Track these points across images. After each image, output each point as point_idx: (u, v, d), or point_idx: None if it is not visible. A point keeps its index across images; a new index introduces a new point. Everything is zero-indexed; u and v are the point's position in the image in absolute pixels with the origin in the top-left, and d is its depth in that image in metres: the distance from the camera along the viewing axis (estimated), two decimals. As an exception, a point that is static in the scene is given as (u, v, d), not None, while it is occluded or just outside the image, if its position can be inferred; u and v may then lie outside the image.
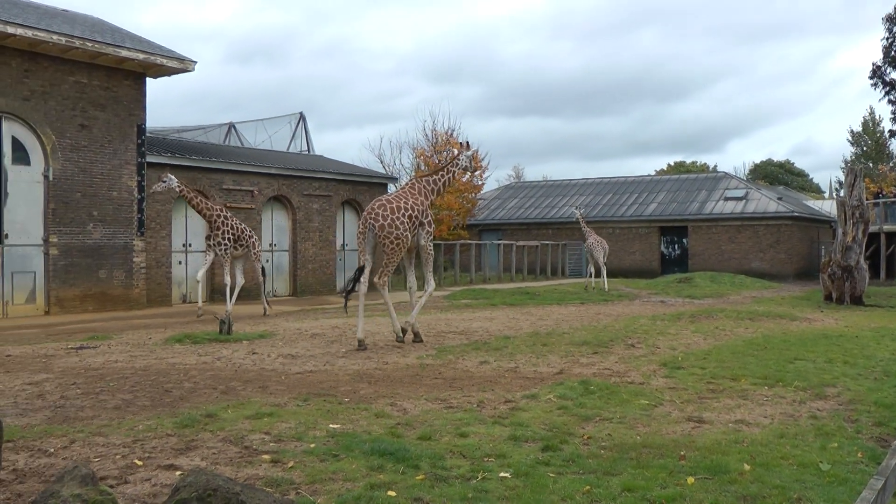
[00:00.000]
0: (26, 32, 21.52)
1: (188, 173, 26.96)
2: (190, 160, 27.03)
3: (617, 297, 29.05)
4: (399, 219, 14.75)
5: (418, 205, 15.23)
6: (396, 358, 13.33)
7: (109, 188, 24.07)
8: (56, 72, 23.13)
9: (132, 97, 24.90)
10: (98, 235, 23.79)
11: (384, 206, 14.79)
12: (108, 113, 24.27)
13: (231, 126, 38.55)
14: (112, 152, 24.31)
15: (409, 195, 15.35)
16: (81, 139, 23.60)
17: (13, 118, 22.32)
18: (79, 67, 23.62)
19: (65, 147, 23.20)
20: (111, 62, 24.00)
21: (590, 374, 11.54)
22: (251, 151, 34.33)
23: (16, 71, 22.31)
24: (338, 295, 17.32)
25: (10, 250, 22.20)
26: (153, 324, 20.27)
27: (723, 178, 51.46)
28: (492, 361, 12.92)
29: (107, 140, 24.18)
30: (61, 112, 23.18)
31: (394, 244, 14.74)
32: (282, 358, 13.31)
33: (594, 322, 19.61)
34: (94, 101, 23.95)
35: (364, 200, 33.82)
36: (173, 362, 12.84)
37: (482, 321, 19.86)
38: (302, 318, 21.32)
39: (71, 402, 9.56)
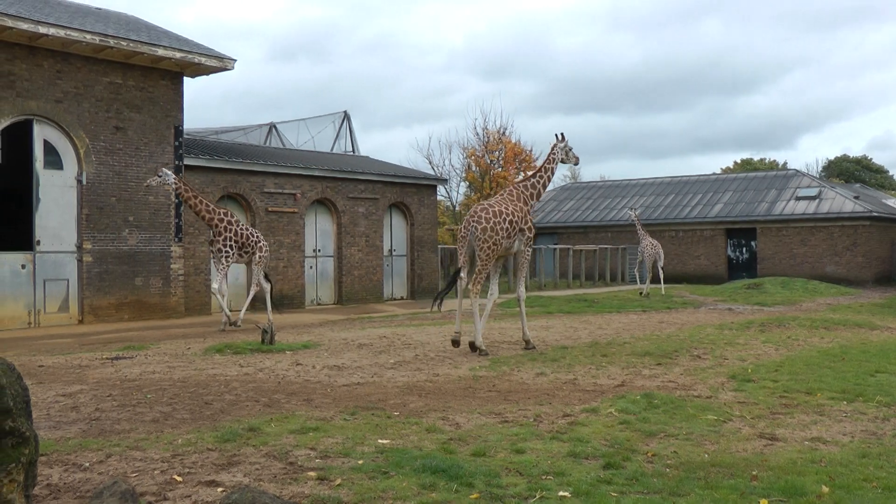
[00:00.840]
0: (59, 32, 21.90)
1: (228, 176, 27.24)
2: (229, 162, 27.31)
3: (681, 305, 28.78)
4: (499, 223, 15.33)
5: (518, 211, 15.79)
6: (448, 369, 13.31)
7: (146, 192, 24.38)
8: (90, 72, 23.50)
9: (169, 98, 25.23)
10: (134, 241, 24.12)
11: (486, 209, 15.42)
12: (144, 114, 24.60)
13: (272, 126, 38.87)
14: (148, 155, 24.64)
15: (508, 201, 15.92)
16: (116, 142, 23.95)
17: (45, 121, 22.71)
18: (113, 67, 23.99)
19: (99, 150, 23.56)
20: (147, 62, 24.33)
21: (653, 387, 11.43)
22: (293, 153, 34.58)
23: (48, 72, 22.70)
24: (432, 308, 17.53)
25: (43, 257, 22.59)
26: (192, 333, 20.47)
27: (794, 176, 50.79)
28: (549, 373, 12.85)
29: (143, 142, 24.52)
30: (95, 114, 23.55)
31: (489, 250, 15.29)
32: (327, 369, 13.35)
33: (657, 331, 19.43)
34: (130, 102, 24.30)
35: (412, 203, 33.91)
36: (213, 373, 12.95)
37: (538, 330, 19.77)
38: (348, 328, 21.40)
39: (106, 415, 9.67)
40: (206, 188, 26.47)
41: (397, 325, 21.71)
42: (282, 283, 28.85)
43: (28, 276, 22.27)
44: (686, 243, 48.10)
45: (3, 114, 21.78)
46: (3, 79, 21.83)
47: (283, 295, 28.90)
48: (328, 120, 40.23)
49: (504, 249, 15.62)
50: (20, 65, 22.15)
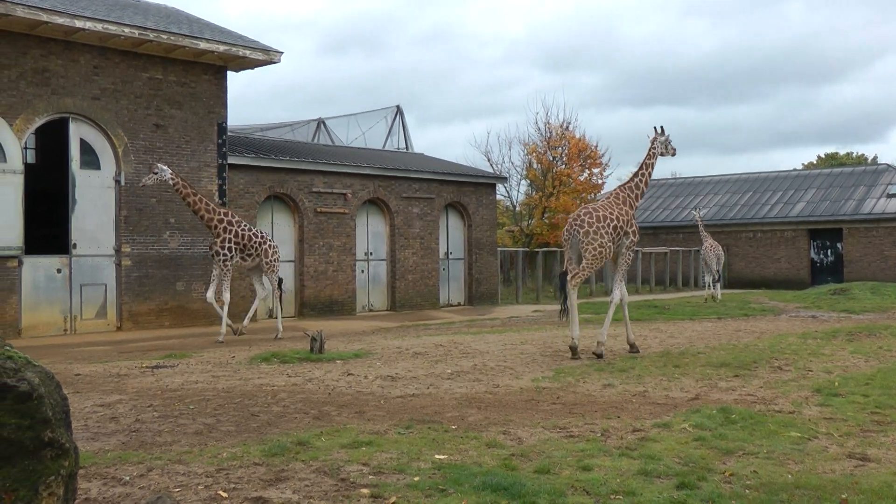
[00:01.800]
0: (96, 26, 22.23)
1: (274, 175, 27.48)
2: (275, 161, 27.54)
3: (759, 312, 28.44)
4: (603, 227, 16.16)
5: (623, 214, 16.69)
6: (509, 380, 13.29)
7: (189, 192, 24.66)
8: (128, 68, 23.85)
9: (212, 93, 25.51)
10: (175, 244, 24.42)
11: (590, 213, 16.25)
12: (186, 111, 24.91)
13: (320, 122, 39.16)
14: (190, 153, 24.94)
15: (613, 205, 16.78)
16: (156, 140, 24.28)
17: (82, 119, 23.10)
18: (153, 62, 24.32)
19: (138, 149, 23.89)
20: (188, 55, 24.64)
21: (730, 401, 11.30)
22: (343, 150, 34.78)
23: (84, 68, 23.08)
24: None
25: (79, 261, 22.96)
26: (236, 341, 20.66)
27: (885, 172, 49.94)
28: (617, 384, 12.78)
29: (184, 140, 24.83)
30: (134, 111, 23.89)
31: (595, 253, 16.08)
32: (380, 380, 13.40)
33: (733, 340, 19.23)
34: (170, 98, 24.62)
35: (470, 203, 33.94)
36: (260, 383, 13.05)
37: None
38: (402, 336, 21.45)
39: (147, 426, 9.79)
40: (250, 188, 26.74)
41: (454, 333, 21.72)
42: (332, 288, 29.03)
43: (64, 281, 22.65)
44: (765, 245, 47.57)
45: (38, 112, 22.18)
46: (38, 76, 22.23)
47: (333, 300, 29.08)
48: (380, 115, 40.40)
49: (610, 252, 16.48)
50: (55, 61, 22.54)
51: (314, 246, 28.60)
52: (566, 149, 49.20)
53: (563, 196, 47.46)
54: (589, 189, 49.36)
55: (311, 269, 28.49)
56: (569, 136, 49.49)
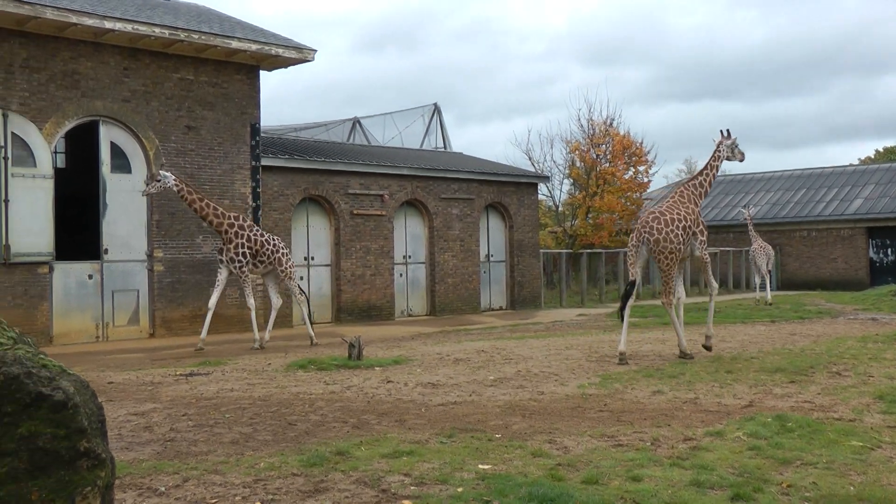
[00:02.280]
0: (126, 27, 22.44)
1: (308, 177, 27.60)
2: (310, 162, 27.66)
3: (815, 314, 28.19)
4: (674, 231, 16.34)
5: (690, 214, 16.83)
6: (554, 387, 13.26)
7: (220, 196, 24.83)
8: (159, 69, 24.05)
9: (244, 93, 25.67)
10: (208, 249, 24.57)
11: (658, 218, 16.39)
12: (218, 112, 25.08)
13: (355, 122, 39.32)
14: (223, 156, 25.10)
15: (678, 204, 16.93)
16: (188, 142, 24.47)
17: (112, 122, 23.31)
18: (184, 62, 24.52)
19: (169, 152, 24.09)
20: (220, 55, 24.81)
21: (786, 408, 11.21)
22: (379, 150, 34.89)
23: (114, 70, 23.29)
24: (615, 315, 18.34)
25: (111, 266, 23.17)
26: (272, 347, 20.77)
27: (946, 167, 49.41)
28: (666, 391, 12.72)
29: (216, 142, 25.00)
30: (165, 113, 24.09)
31: (669, 258, 16.30)
32: (421, 387, 13.42)
33: (788, 344, 19.07)
34: (202, 99, 24.80)
35: (511, 203, 33.91)
36: (297, 391, 13.11)
37: (652, 343, 19.57)
38: (442, 341, 21.47)
39: (182, 436, 9.86)
40: (285, 190, 26.87)
41: (496, 338, 21.70)
42: (369, 292, 29.11)
43: (95, 287, 22.88)
44: (820, 244, 47.14)
45: (68, 115, 22.42)
46: (68, 78, 22.47)
47: (371, 305, 29.16)
48: (417, 113, 40.51)
49: (682, 255, 16.71)
50: (85, 63, 22.77)
51: (351, 249, 28.69)
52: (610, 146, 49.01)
53: (608, 195, 47.28)
54: (634, 188, 49.12)
55: (348, 273, 28.59)
56: (613, 132, 49.31)
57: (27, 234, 21.53)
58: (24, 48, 21.81)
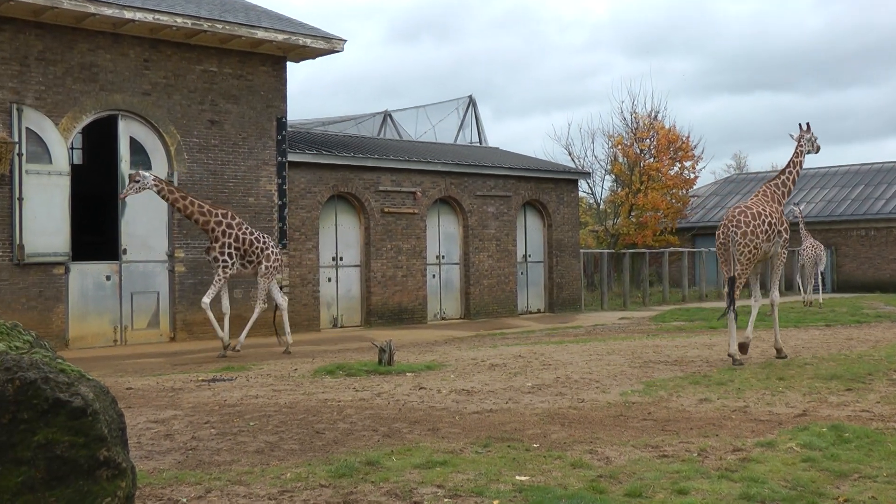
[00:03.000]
0: (146, 17, 22.59)
1: (337, 173, 27.66)
2: (339, 157, 27.73)
3: (874, 318, 27.97)
4: (759, 226, 16.92)
5: (774, 212, 17.45)
6: (594, 394, 13.23)
7: (245, 193, 24.95)
8: (181, 60, 24.19)
9: (270, 86, 25.78)
10: (233, 249, 24.66)
11: (744, 212, 16.99)
12: (243, 105, 25.21)
13: (386, 115, 39.34)
14: (247, 151, 25.22)
15: (764, 202, 17.57)
16: (211, 137, 24.61)
17: (132, 116, 23.47)
18: (207, 54, 24.65)
19: (191, 147, 24.23)
20: (245, 45, 24.92)
21: (842, 417, 11.13)
22: (411, 145, 34.93)
23: (134, 62, 23.45)
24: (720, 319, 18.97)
25: (130, 267, 23.33)
26: (299, 352, 20.83)
27: None
28: (714, 399, 12.65)
29: (241, 137, 25.12)
30: (187, 107, 24.24)
31: (749, 254, 16.87)
32: (455, 394, 13.41)
33: (845, 350, 18.93)
34: (226, 92, 24.93)
35: (550, 201, 33.85)
36: (324, 398, 13.14)
37: (699, 348, 19.49)
38: (477, 346, 21.47)
39: (204, 444, 9.91)
40: (312, 187, 26.95)
41: (534, 343, 21.68)
42: (401, 294, 29.16)
43: (114, 289, 23.04)
44: (879, 244, 46.75)
45: (85, 110, 22.61)
46: (86, 71, 22.66)
47: (403, 308, 29.20)
48: (451, 106, 40.49)
49: (763, 254, 17.25)
50: (103, 55, 22.94)
51: (381, 249, 28.75)
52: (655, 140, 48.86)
53: (652, 192, 47.14)
54: (680, 184, 48.95)
55: (379, 275, 28.65)
56: (657, 126, 49.15)
57: (42, 233, 21.71)
58: (40, 40, 22.01)
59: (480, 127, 40.20)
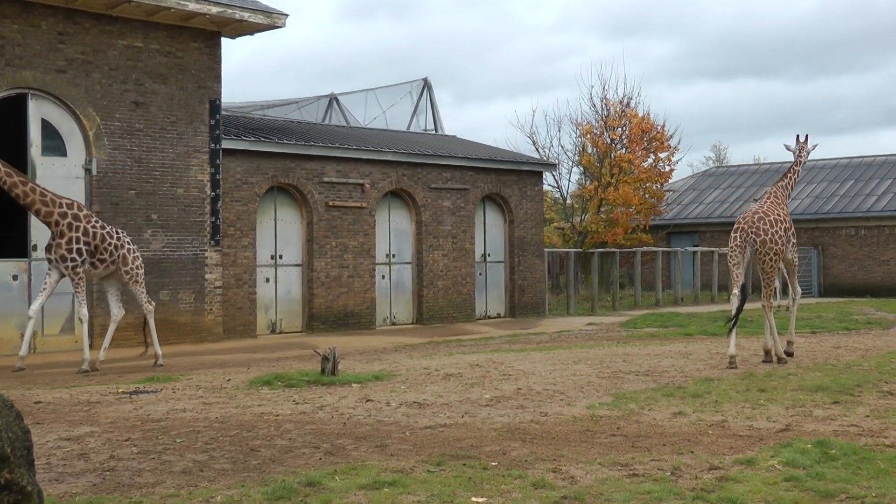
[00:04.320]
0: (59, -17, 22.34)
1: (277, 162, 27.52)
2: (279, 145, 27.59)
3: (864, 325, 28.24)
4: (777, 232, 18.34)
5: (787, 215, 19.06)
6: (559, 407, 13.26)
7: (173, 184, 24.77)
8: (101, 34, 23.92)
9: (203, 64, 25.60)
10: (158, 245, 24.52)
11: (762, 218, 18.28)
12: (171, 86, 25.00)
13: (333, 99, 39.28)
14: (176, 137, 25.02)
15: (776, 205, 19.01)
16: (135, 121, 24.39)
17: (44, 96, 23.18)
18: (131, 27, 24.40)
19: (113, 132, 24.00)
20: (174, 18, 24.71)
21: (828, 433, 11.22)
22: (359, 132, 34.87)
23: (47, 35, 23.16)
24: (723, 324, 20.94)
25: (41, 266, 22.96)
26: (232, 361, 20.73)
27: None
28: (689, 413, 12.72)
29: (169, 121, 24.92)
30: (108, 87, 23.99)
31: (773, 260, 18.33)
32: (405, 407, 13.41)
33: (832, 359, 19.12)
34: (152, 70, 24.71)
35: (512, 195, 33.90)
36: (261, 412, 13.08)
37: (674, 357, 19.59)
38: (430, 354, 21.46)
39: (124, 465, 9.81)
40: (249, 178, 26.80)
41: (493, 351, 21.69)
42: (346, 297, 29.07)
43: (22, 290, 22.75)
44: (870, 244, 47.19)
45: (-10, 87, 22.31)
46: (-8, 44, 22.37)
47: (349, 312, 29.12)
48: (403, 90, 40.48)
49: (782, 257, 18.70)
50: (11, 26, 22.59)
51: (325, 247, 28.65)
52: (627, 129, 49.07)
53: (624, 186, 47.30)
54: (654, 178, 49.19)
55: (322, 275, 28.55)
56: (630, 114, 49.34)
57: (-66, 228, 21.31)
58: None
59: (436, 113, 40.23)
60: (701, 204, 53.87)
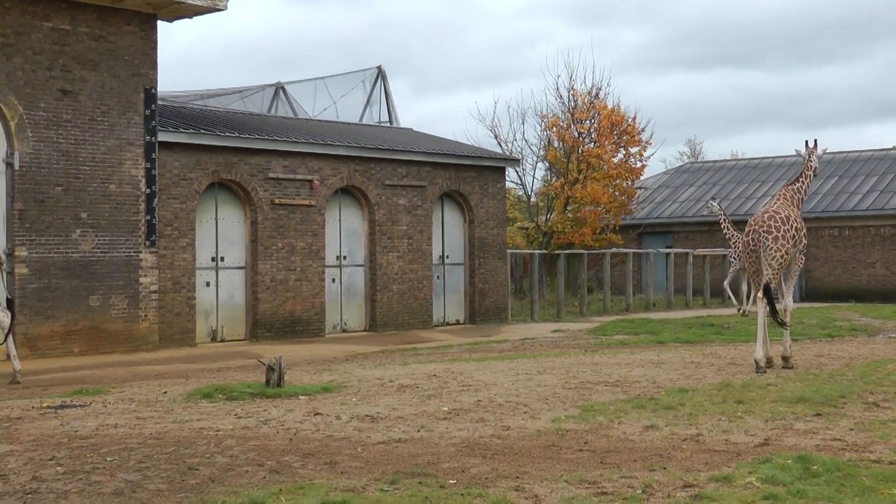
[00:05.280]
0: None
1: (218, 157, 27.39)
2: (221, 138, 27.46)
3: (848, 332, 28.45)
4: (788, 231, 19.28)
5: (798, 217, 19.99)
6: (522, 421, 13.28)
7: (105, 179, 24.59)
8: (23, 15, 23.69)
9: (137, 49, 25.43)
10: (88, 247, 24.34)
11: (773, 217, 19.27)
12: (103, 73, 24.83)
13: (279, 88, 39.14)
14: (108, 128, 24.84)
15: (787, 206, 20.03)
16: (62, 111, 24.19)
17: (-43, 83, 23.00)
18: (57, 8, 24.18)
19: (37, 122, 23.80)
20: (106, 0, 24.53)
21: (810, 447, 11.28)
22: (309, 124, 34.81)
23: (-40, 15, 22.99)
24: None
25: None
26: (169, 371, 20.63)
27: None
28: (662, 426, 12.77)
29: (100, 111, 24.74)
30: (32, 73, 23.80)
31: (780, 261, 19.22)
32: (357, 421, 13.40)
33: (814, 369, 19.26)
34: (81, 55, 24.52)
35: (472, 192, 33.93)
36: (200, 427, 13.03)
37: (645, 367, 19.66)
38: (384, 363, 21.45)
39: (48, 486, 9.73)
40: (188, 173, 26.67)
41: (452, 360, 21.72)
42: (294, 302, 28.99)
43: None
44: (855, 246, 47.50)
45: None
46: None
47: (296, 318, 29.04)
48: (355, 79, 40.43)
49: (790, 258, 19.61)
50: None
51: (271, 248, 28.55)
52: (595, 122, 49.17)
53: (592, 183, 47.33)
54: (625, 174, 49.23)
55: (268, 278, 28.45)
56: (599, 106, 49.42)
57: None
58: None
59: (391, 104, 40.20)
60: (675, 202, 54.09)
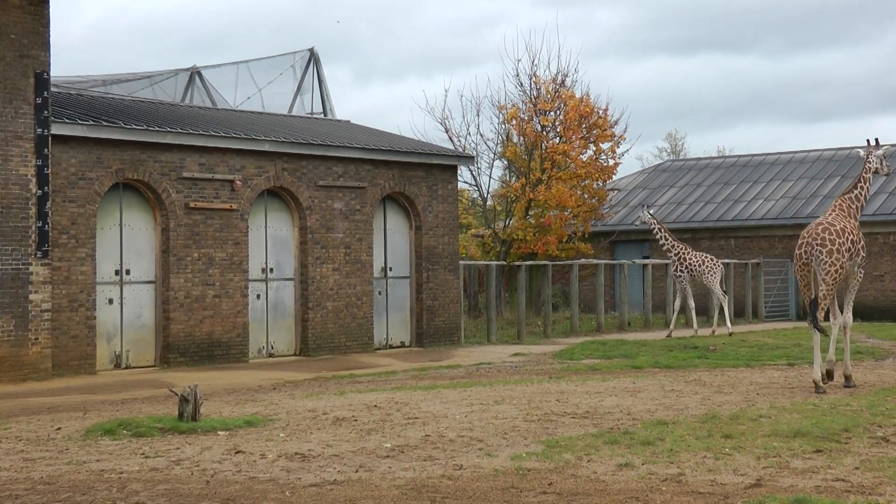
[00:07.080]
0: None
1: (124, 153, 27.23)
2: (126, 131, 27.29)
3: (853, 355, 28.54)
4: (844, 244, 20.39)
5: (854, 228, 21.15)
6: (477, 458, 13.26)
7: (-9, 179, 24.44)
8: None
9: (25, 27, 25.25)
10: (-13, 257, 24.17)
11: (827, 228, 20.39)
12: (-16, 55, 24.69)
13: (195, 73, 39.05)
14: (-9, 120, 24.70)
15: (842, 217, 21.16)
16: (-64, 98, 24.07)
17: None
18: (-71, -21, 24.08)
19: None
20: (-13, -31, 24.43)
21: (809, 489, 11.33)
22: (229, 115, 34.75)
23: None
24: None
25: None
26: (64, 404, 20.49)
27: None
28: (638, 464, 12.79)
29: (-19, 100, 24.60)
30: None
31: (836, 274, 20.29)
32: (285, 460, 13.36)
33: (813, 399, 19.34)
34: (-41, 34, 24.40)
35: (419, 194, 33.92)
36: (100, 469, 12.93)
37: (619, 395, 19.71)
38: (317, 393, 21.42)
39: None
40: (87, 172, 26.48)
41: (396, 388, 21.70)
42: (212, 321, 28.84)
43: None
44: (858, 255, 47.71)
45: None
46: None
47: (215, 341, 28.90)
48: (284, 63, 40.38)
49: (847, 273, 20.78)
50: None
51: (185, 259, 28.42)
52: (561, 114, 49.22)
53: (558, 184, 47.30)
54: (595, 173, 49.22)
55: (181, 295, 28.30)
56: (565, 95, 49.45)
57: None
58: None
59: (325, 92, 40.18)
60: (653, 206, 54.20)
